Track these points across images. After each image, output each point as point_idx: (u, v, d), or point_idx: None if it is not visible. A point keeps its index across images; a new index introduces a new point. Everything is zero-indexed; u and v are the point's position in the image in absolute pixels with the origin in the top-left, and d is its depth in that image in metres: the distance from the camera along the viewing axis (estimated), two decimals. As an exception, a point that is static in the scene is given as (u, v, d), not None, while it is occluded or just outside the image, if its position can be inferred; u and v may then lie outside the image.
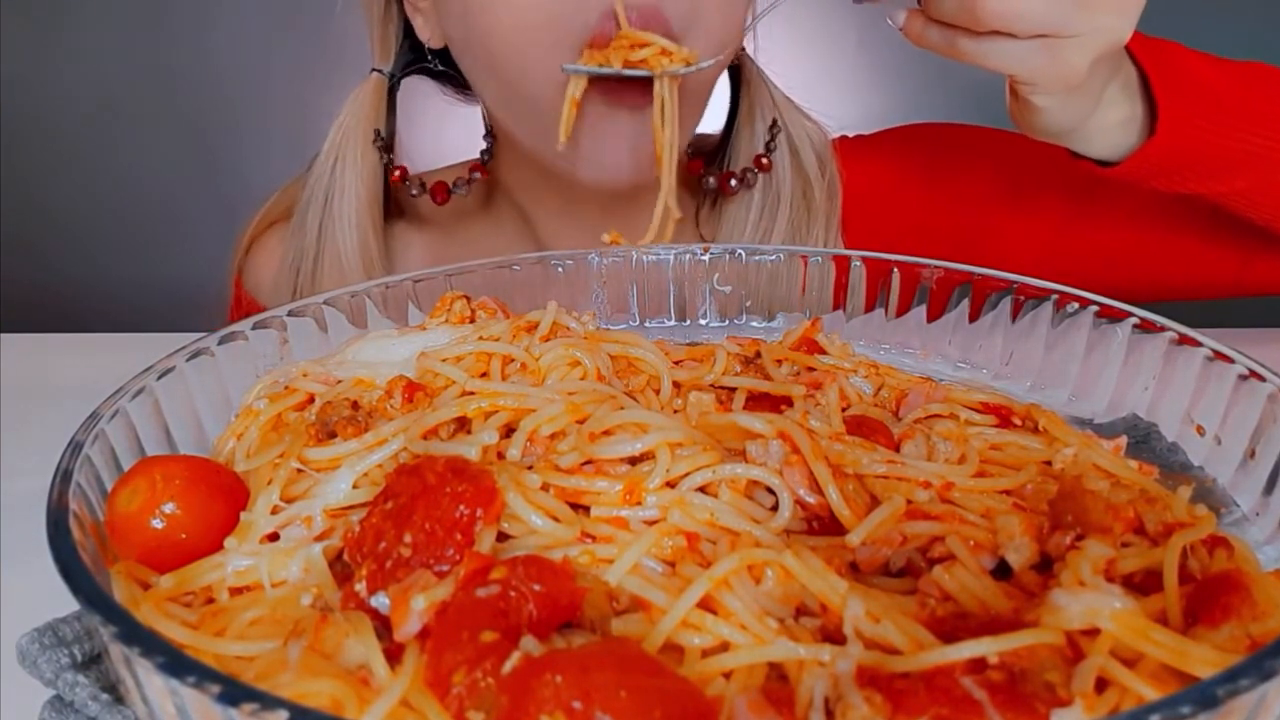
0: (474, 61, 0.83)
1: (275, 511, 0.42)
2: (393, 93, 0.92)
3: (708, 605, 0.36)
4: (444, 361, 0.50)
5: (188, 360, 0.52)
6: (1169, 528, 0.38)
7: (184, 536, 0.41)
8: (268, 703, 0.28)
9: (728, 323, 0.71)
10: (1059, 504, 0.39)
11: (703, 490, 0.41)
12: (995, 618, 0.35)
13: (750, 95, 0.92)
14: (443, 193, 0.91)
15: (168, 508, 0.41)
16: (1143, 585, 0.36)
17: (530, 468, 0.41)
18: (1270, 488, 0.46)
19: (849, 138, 0.98)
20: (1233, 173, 0.73)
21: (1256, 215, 0.77)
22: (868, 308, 0.67)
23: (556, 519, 0.39)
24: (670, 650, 0.35)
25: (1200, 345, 0.52)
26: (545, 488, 0.41)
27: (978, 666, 0.31)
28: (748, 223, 0.91)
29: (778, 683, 0.34)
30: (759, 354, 0.57)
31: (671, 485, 0.41)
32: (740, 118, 0.93)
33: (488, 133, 0.95)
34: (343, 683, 0.32)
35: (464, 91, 0.95)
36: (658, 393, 0.52)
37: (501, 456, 0.43)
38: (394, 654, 0.33)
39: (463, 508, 0.37)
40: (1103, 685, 0.31)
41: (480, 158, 0.94)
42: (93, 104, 1.93)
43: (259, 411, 0.48)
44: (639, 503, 0.40)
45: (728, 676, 0.34)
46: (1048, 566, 0.37)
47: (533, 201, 0.95)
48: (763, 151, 0.90)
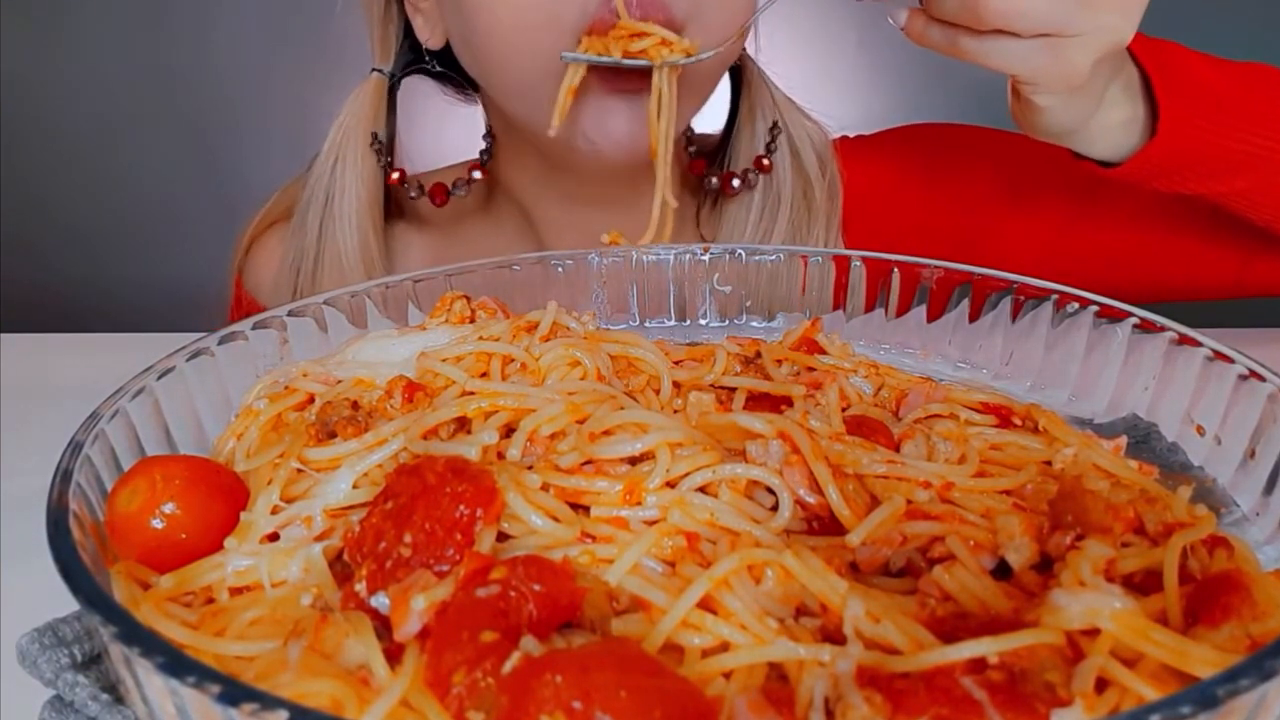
0: (474, 58, 0.83)
1: (275, 511, 0.42)
2: (393, 93, 0.92)
3: (708, 605, 0.36)
4: (444, 361, 0.50)
5: (188, 360, 0.52)
6: (1169, 528, 0.38)
7: (184, 536, 0.41)
8: (268, 703, 0.28)
9: (728, 323, 0.71)
10: (1059, 504, 0.39)
11: (703, 490, 0.41)
12: (995, 618, 0.35)
13: (751, 96, 0.92)
14: (441, 194, 0.91)
15: (168, 508, 0.41)
16: (1143, 585, 0.36)
17: (530, 468, 0.41)
18: (1270, 488, 0.46)
19: (849, 138, 0.98)
20: (1233, 173, 0.73)
21: (1257, 216, 0.77)
22: (868, 308, 0.67)
23: (556, 519, 0.39)
24: (670, 650, 0.35)
25: (1200, 345, 0.52)
26: (545, 488, 0.41)
27: (978, 666, 0.31)
28: (748, 223, 0.91)
29: (778, 683, 0.33)
30: (759, 354, 0.57)
31: (671, 485, 0.41)
32: (741, 118, 0.93)
33: (487, 132, 0.95)
34: (343, 683, 0.32)
35: (464, 91, 0.95)
36: (658, 393, 0.52)
37: (501, 456, 0.43)
38: (394, 654, 0.33)
39: (463, 508, 0.37)
40: (1103, 685, 0.31)
41: (480, 158, 0.94)
42: (93, 104, 1.93)
43: (259, 411, 0.48)
44: (639, 503, 0.40)
45: (728, 676, 0.34)
46: (1048, 566, 0.37)
47: (533, 201, 0.95)
48: (763, 152, 0.90)
